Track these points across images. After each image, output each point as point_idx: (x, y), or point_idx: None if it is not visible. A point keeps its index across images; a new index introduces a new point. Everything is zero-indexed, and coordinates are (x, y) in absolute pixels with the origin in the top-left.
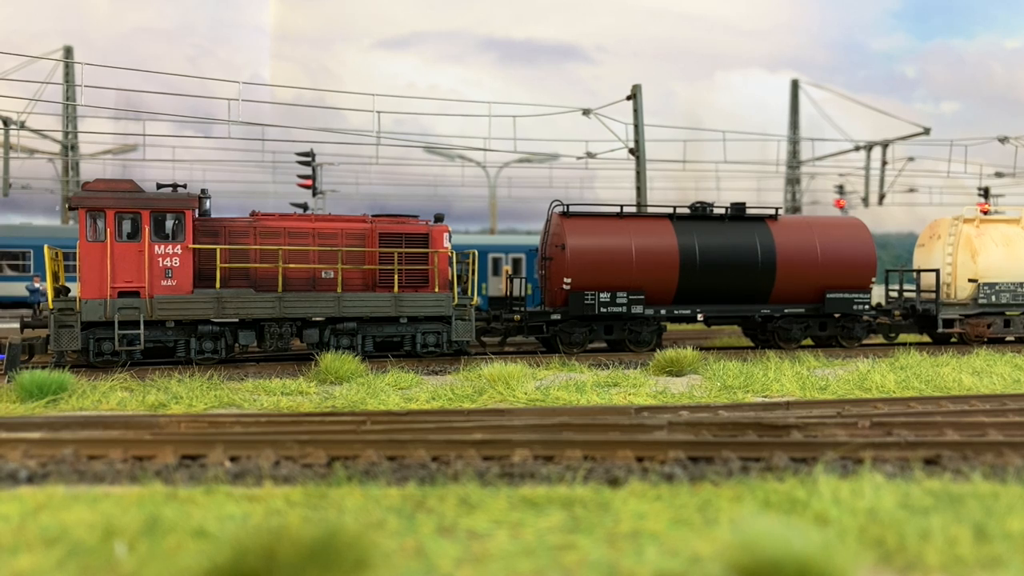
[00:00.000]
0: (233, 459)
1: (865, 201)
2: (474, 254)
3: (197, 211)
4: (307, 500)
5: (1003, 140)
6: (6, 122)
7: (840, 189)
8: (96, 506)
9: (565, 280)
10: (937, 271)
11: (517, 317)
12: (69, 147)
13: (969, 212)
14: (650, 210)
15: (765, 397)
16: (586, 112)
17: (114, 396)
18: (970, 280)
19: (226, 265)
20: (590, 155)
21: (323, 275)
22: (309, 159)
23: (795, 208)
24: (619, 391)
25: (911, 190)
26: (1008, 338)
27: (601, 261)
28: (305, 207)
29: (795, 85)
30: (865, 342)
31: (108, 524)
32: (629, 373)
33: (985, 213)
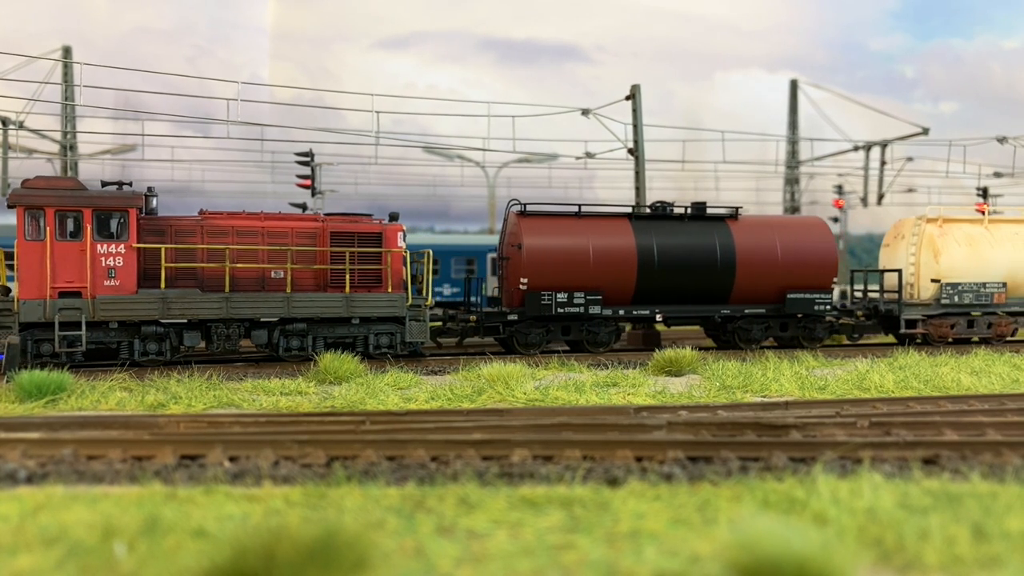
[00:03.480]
0: (232, 459)
1: (864, 201)
2: (429, 253)
3: (143, 210)
4: (306, 500)
5: (1002, 140)
6: (5, 122)
7: (839, 189)
8: (95, 506)
9: (522, 280)
10: (899, 271)
11: (473, 318)
12: (68, 147)
13: (932, 212)
14: (609, 210)
15: (764, 397)
16: (585, 112)
17: (113, 396)
18: (933, 280)
19: (171, 265)
20: (589, 155)
21: (273, 275)
22: (308, 159)
23: (794, 208)
24: (618, 391)
25: (910, 190)
26: (973, 339)
27: (558, 261)
28: (304, 207)
29: (794, 85)
30: (862, 342)
31: (107, 524)
32: (628, 373)
33: (983, 213)
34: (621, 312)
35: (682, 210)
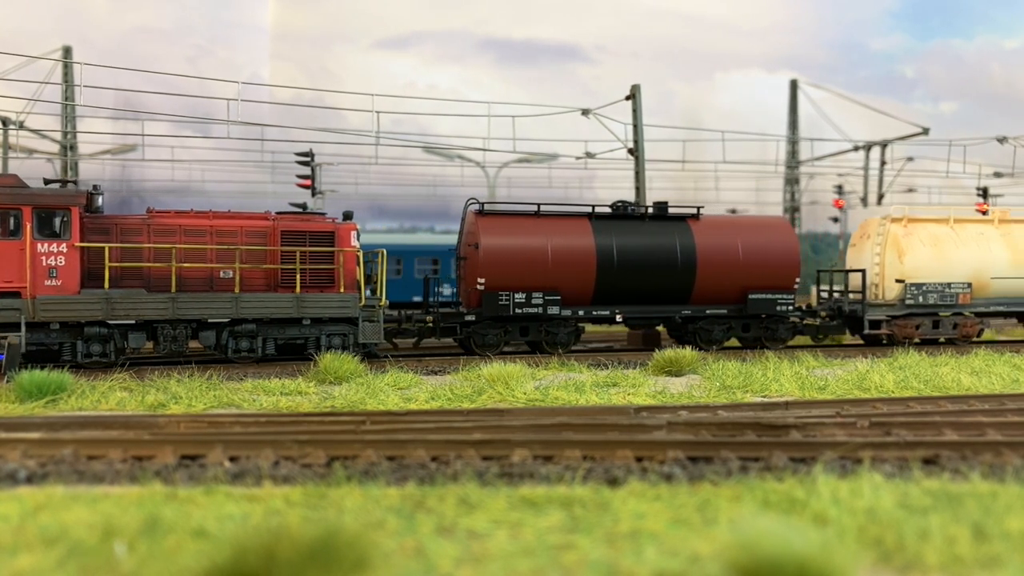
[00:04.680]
0: (232, 459)
1: (864, 201)
2: (383, 253)
3: (86, 208)
4: (307, 500)
5: (1002, 140)
6: (5, 122)
7: (839, 189)
8: (96, 506)
9: (479, 280)
10: (863, 271)
11: (430, 319)
12: (68, 147)
13: (897, 211)
14: (570, 210)
15: (764, 397)
16: (585, 112)
17: (113, 396)
18: (897, 280)
19: (115, 264)
20: (589, 155)
21: (222, 275)
22: (308, 159)
23: (794, 208)
24: (618, 391)
25: (910, 190)
26: (940, 340)
27: (516, 261)
28: (304, 207)
29: (794, 85)
30: (859, 342)
31: (108, 524)
32: (628, 373)
33: (983, 213)
34: (580, 313)
35: (643, 210)
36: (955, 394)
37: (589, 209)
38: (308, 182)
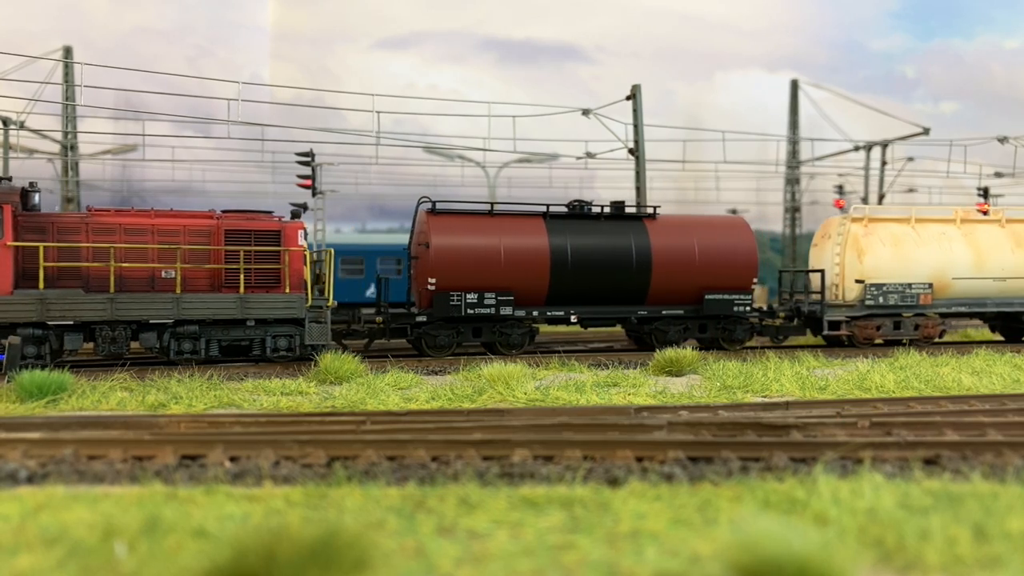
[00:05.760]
0: (233, 459)
1: (865, 201)
2: (331, 252)
3: (20, 206)
4: (307, 500)
5: (1003, 140)
6: (6, 122)
7: (840, 189)
8: (96, 506)
9: (430, 280)
10: (822, 271)
11: (380, 319)
12: (69, 147)
13: (857, 211)
14: (524, 209)
15: (765, 397)
16: (586, 112)
17: (114, 396)
18: (857, 281)
19: (51, 264)
20: (590, 155)
21: (164, 275)
22: (309, 159)
23: (795, 208)
24: (619, 391)
25: (911, 190)
26: (904, 341)
27: (468, 261)
28: (305, 207)
29: (795, 85)
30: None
31: (108, 524)
32: (629, 373)
33: (984, 213)
34: (535, 313)
35: (599, 209)
36: (956, 394)
37: (544, 208)
38: (309, 182)
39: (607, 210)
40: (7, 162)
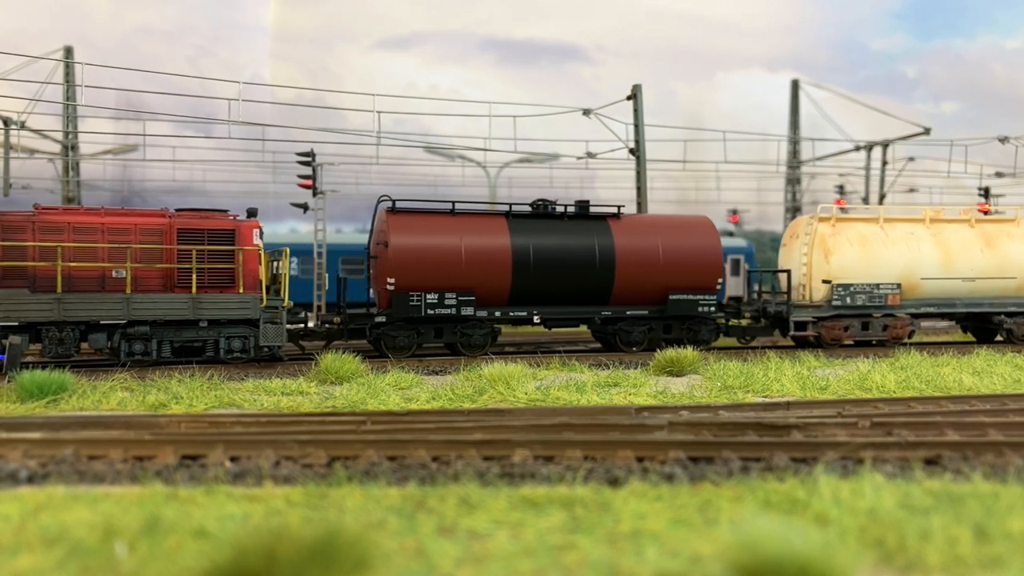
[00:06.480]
0: (233, 459)
1: (865, 201)
2: (286, 252)
3: None
4: (307, 500)
5: (1003, 140)
6: (6, 122)
7: (841, 189)
8: (96, 506)
9: (389, 280)
10: (788, 272)
11: (338, 319)
12: (69, 147)
13: (825, 210)
14: (486, 208)
15: (765, 397)
16: (586, 112)
17: (114, 396)
18: (824, 281)
19: None
20: (590, 155)
21: (114, 274)
22: (309, 159)
23: (796, 208)
24: (619, 391)
25: (911, 190)
26: (873, 341)
27: (428, 260)
28: (305, 207)
29: (795, 85)
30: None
31: (108, 524)
32: (629, 373)
33: (985, 213)
34: (496, 314)
35: (563, 209)
36: (957, 394)
37: (507, 208)
38: (309, 182)
39: (571, 210)
40: (8, 162)
